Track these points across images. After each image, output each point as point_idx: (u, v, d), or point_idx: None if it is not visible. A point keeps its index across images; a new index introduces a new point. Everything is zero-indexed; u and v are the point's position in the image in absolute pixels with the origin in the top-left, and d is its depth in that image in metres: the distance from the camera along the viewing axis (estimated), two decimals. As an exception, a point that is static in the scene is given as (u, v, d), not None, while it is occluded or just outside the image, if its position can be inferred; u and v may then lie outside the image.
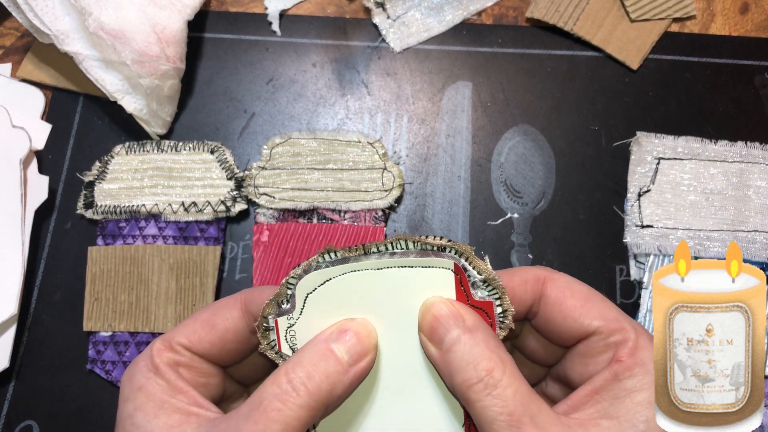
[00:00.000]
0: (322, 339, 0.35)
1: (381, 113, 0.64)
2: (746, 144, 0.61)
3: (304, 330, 0.36)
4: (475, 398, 0.33)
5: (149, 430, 0.34)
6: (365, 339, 0.35)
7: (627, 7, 0.65)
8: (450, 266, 0.35)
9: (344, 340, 0.35)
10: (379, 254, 0.35)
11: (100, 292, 0.57)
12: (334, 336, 0.35)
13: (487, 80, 0.65)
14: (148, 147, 0.61)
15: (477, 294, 0.36)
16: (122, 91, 0.60)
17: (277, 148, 0.61)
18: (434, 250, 0.35)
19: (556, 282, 0.38)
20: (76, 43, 0.59)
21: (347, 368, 0.34)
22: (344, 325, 0.35)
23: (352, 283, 0.36)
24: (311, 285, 0.36)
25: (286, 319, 0.36)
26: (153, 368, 0.36)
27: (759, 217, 0.59)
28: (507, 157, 0.62)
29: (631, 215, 0.59)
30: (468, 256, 0.35)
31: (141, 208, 0.59)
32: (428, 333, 0.35)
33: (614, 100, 0.64)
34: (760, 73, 0.64)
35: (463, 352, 0.33)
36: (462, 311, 0.35)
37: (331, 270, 0.35)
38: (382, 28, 0.66)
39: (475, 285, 0.36)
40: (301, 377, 0.33)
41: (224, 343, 0.38)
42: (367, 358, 0.35)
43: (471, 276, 0.36)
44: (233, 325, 0.38)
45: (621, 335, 0.35)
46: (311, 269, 0.35)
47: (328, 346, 0.34)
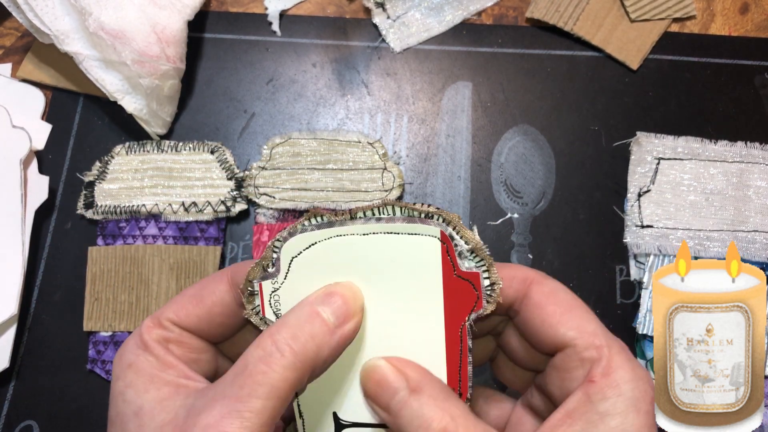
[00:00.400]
0: (308, 302, 0.34)
1: (381, 113, 0.64)
2: (746, 144, 0.61)
3: (288, 294, 0.36)
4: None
5: (140, 405, 0.33)
6: (351, 302, 0.35)
7: (627, 7, 0.65)
8: (437, 234, 0.35)
9: (330, 302, 0.34)
10: (365, 219, 0.35)
11: (101, 292, 0.57)
12: (321, 298, 0.34)
13: (487, 80, 0.65)
14: (148, 147, 0.61)
15: (464, 264, 0.35)
16: (122, 91, 0.60)
17: (277, 148, 0.61)
18: (421, 216, 0.35)
19: (542, 286, 0.37)
20: (76, 43, 0.59)
21: (333, 330, 0.34)
22: (330, 288, 0.35)
23: (337, 247, 0.35)
24: (296, 249, 0.35)
25: (271, 284, 0.36)
26: (142, 345, 0.36)
27: (759, 217, 0.59)
28: (507, 157, 0.62)
29: (631, 215, 0.59)
30: (455, 225, 0.35)
31: (141, 208, 0.59)
32: (373, 398, 0.34)
33: (614, 100, 0.64)
34: (760, 73, 0.64)
35: (411, 416, 0.32)
36: (405, 370, 0.34)
37: (317, 233, 0.35)
38: (382, 28, 0.66)
39: (462, 255, 0.35)
40: (286, 338, 0.32)
41: (212, 317, 0.38)
42: (353, 320, 0.35)
43: (458, 245, 0.35)
44: (220, 298, 0.37)
45: (595, 351, 0.34)
46: (296, 232, 0.35)
47: (314, 308, 0.34)
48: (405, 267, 0.35)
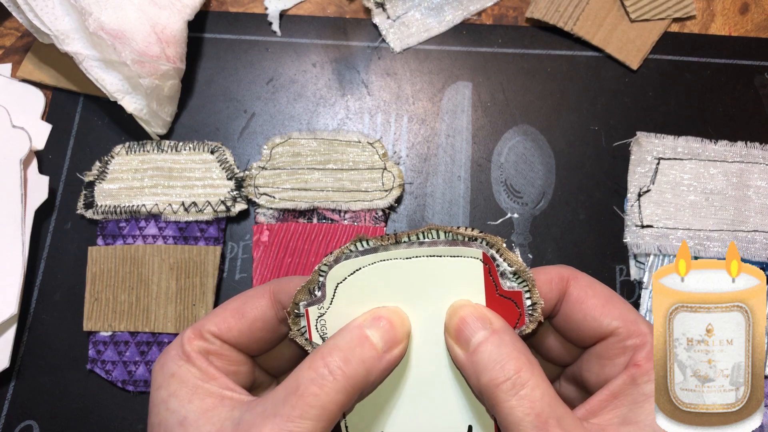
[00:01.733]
0: (357, 325, 0.35)
1: (381, 113, 0.64)
2: (746, 144, 0.61)
3: (334, 319, 0.36)
4: (503, 398, 0.32)
5: (184, 414, 0.34)
6: (399, 326, 0.35)
7: (627, 7, 0.65)
8: (479, 256, 0.35)
9: (378, 326, 0.35)
10: (409, 243, 0.35)
11: (100, 292, 0.57)
12: (369, 322, 0.35)
13: (487, 80, 0.65)
14: (148, 147, 0.61)
15: (506, 284, 0.36)
16: (122, 91, 0.60)
17: (277, 148, 0.61)
18: (464, 240, 0.35)
19: (579, 281, 0.38)
20: (76, 43, 0.59)
21: (382, 354, 0.34)
22: (378, 312, 0.35)
23: (381, 272, 0.36)
24: (342, 274, 0.36)
25: (317, 308, 0.36)
26: (184, 356, 0.36)
27: (759, 217, 0.59)
28: (507, 157, 0.62)
29: (631, 215, 0.59)
30: (498, 248, 0.35)
31: (141, 208, 0.59)
32: (455, 334, 0.35)
33: (614, 100, 0.64)
34: (760, 73, 0.64)
35: (490, 352, 0.33)
36: (489, 314, 0.35)
37: (362, 259, 0.36)
38: (382, 28, 0.66)
39: (504, 275, 0.36)
40: (337, 362, 0.33)
41: (253, 332, 0.38)
42: (401, 345, 0.35)
43: (500, 266, 0.36)
44: (262, 313, 0.38)
45: (639, 338, 0.35)
46: (342, 258, 0.36)
47: (362, 332, 0.34)
48: (448, 289, 0.36)
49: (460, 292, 0.36)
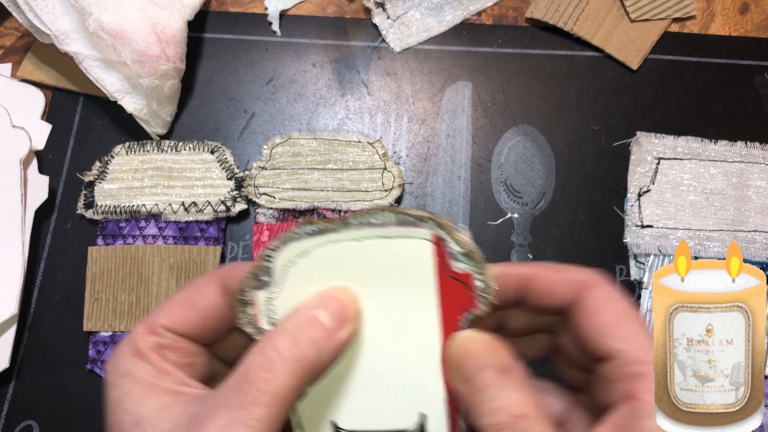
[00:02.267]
0: (306, 306, 0.34)
1: (381, 113, 0.64)
2: (746, 144, 0.61)
3: (284, 303, 0.36)
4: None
5: (140, 413, 0.33)
6: (348, 305, 0.35)
7: (627, 7, 0.65)
8: (428, 237, 0.35)
9: (327, 305, 0.34)
10: (358, 225, 0.35)
11: (101, 292, 0.57)
12: (318, 303, 0.34)
13: (487, 80, 0.65)
14: (148, 147, 0.61)
15: (457, 266, 0.35)
16: (122, 91, 0.60)
17: (277, 148, 0.61)
18: (413, 220, 0.35)
19: (597, 291, 0.36)
20: (76, 43, 0.59)
21: (332, 333, 0.34)
22: (327, 293, 0.35)
23: (332, 254, 0.35)
24: (290, 257, 0.35)
25: (265, 293, 0.35)
26: (137, 353, 0.35)
27: (759, 217, 0.59)
28: (507, 157, 0.62)
29: (631, 215, 0.59)
30: (447, 228, 0.35)
31: (141, 208, 0.59)
32: (459, 366, 0.34)
33: (614, 100, 0.64)
34: (760, 73, 0.64)
35: (494, 394, 0.32)
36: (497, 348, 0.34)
37: (311, 241, 0.35)
38: (382, 28, 0.66)
39: (455, 257, 0.35)
40: (286, 344, 0.32)
41: (206, 322, 0.37)
42: (351, 323, 0.35)
43: (450, 248, 0.35)
44: (213, 302, 0.37)
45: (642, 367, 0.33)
46: (289, 241, 0.35)
47: (311, 313, 0.34)
48: (399, 270, 0.36)
49: (411, 273, 0.35)
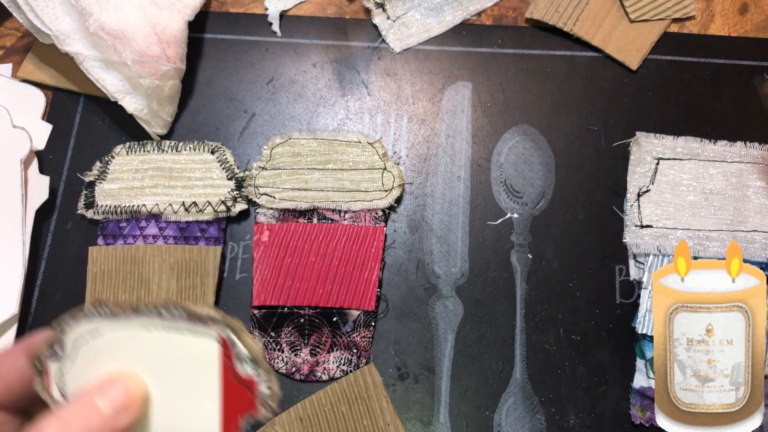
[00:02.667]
0: (87, 392, 0.34)
1: (381, 113, 0.64)
2: (745, 144, 0.61)
3: (74, 379, 0.36)
4: None
5: None
6: (132, 391, 0.34)
7: (626, 8, 0.65)
8: (215, 337, 0.35)
9: (109, 392, 0.33)
10: (148, 314, 0.35)
11: (101, 292, 0.57)
12: (100, 388, 0.34)
13: (486, 80, 0.65)
14: (148, 147, 0.61)
15: (243, 370, 0.35)
16: (123, 91, 0.60)
17: (277, 148, 0.61)
18: (203, 318, 0.35)
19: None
20: (76, 44, 0.59)
21: (109, 421, 0.33)
22: (111, 378, 0.34)
23: (121, 340, 0.36)
24: (81, 334, 0.36)
25: (58, 365, 0.36)
26: None
27: (758, 217, 0.59)
28: (507, 157, 0.62)
29: (631, 215, 0.59)
30: (236, 331, 0.35)
31: (141, 208, 0.59)
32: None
33: (614, 101, 0.64)
34: (759, 74, 0.65)
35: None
36: None
37: (102, 324, 0.35)
38: (382, 28, 0.66)
39: (241, 360, 0.35)
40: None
41: (14, 392, 0.36)
42: (131, 410, 0.34)
43: (237, 351, 0.35)
44: (19, 372, 0.36)
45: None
46: (82, 319, 0.35)
47: (90, 399, 0.33)
48: (185, 365, 0.36)
49: (196, 370, 0.36)
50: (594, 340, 0.57)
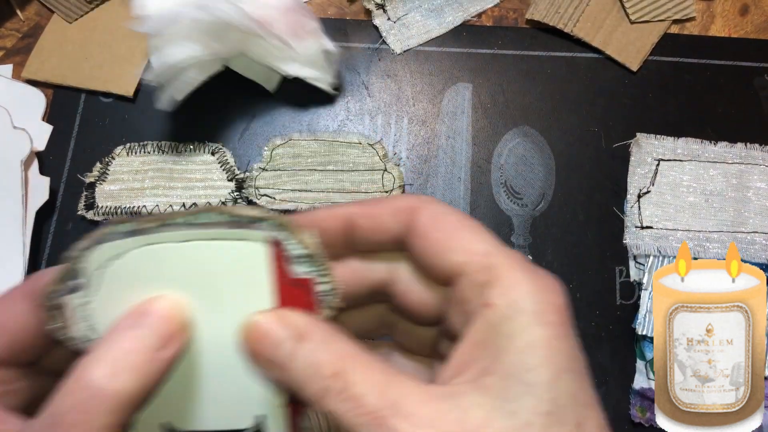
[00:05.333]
0: (122, 326, 0.30)
1: (381, 115, 0.64)
2: (746, 145, 0.61)
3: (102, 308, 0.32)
4: (331, 408, 0.28)
5: None
6: (174, 318, 0.30)
7: (627, 9, 0.65)
8: (264, 239, 0.32)
9: (148, 323, 0.30)
10: (180, 225, 0.32)
11: (101, 293, 0.57)
12: (136, 320, 0.30)
13: (487, 82, 0.65)
14: (148, 148, 0.61)
15: (296, 270, 0.32)
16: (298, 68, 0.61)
17: (277, 149, 0.61)
18: (247, 222, 0.32)
19: (425, 211, 0.32)
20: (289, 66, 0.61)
21: (155, 355, 0.29)
22: (147, 307, 0.30)
23: (154, 256, 0.32)
24: (103, 259, 0.32)
25: (78, 297, 0.32)
26: None
27: (759, 219, 0.59)
28: (507, 158, 0.62)
29: (631, 216, 0.59)
30: (289, 230, 0.32)
31: (142, 209, 0.59)
32: (258, 357, 0.31)
33: (614, 102, 0.64)
34: (760, 75, 0.65)
35: (301, 365, 0.29)
36: (290, 319, 0.30)
37: (126, 243, 0.31)
38: (383, 29, 0.66)
39: (295, 260, 0.32)
40: (101, 378, 0.27)
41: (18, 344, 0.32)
42: (177, 340, 0.30)
43: (290, 251, 0.32)
44: (23, 320, 0.32)
45: (490, 274, 0.29)
46: (103, 241, 0.32)
47: (129, 334, 0.29)
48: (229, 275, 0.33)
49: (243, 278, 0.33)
50: (594, 341, 0.57)
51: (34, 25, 0.67)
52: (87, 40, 0.65)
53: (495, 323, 0.28)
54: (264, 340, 0.30)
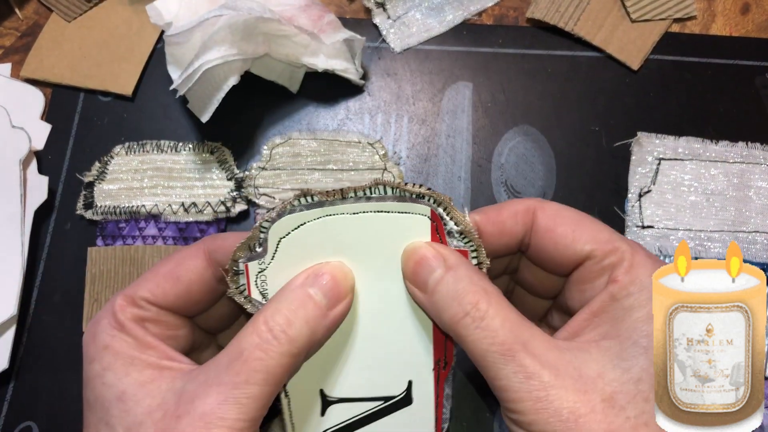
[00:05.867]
0: (299, 284, 0.34)
1: (381, 114, 0.64)
2: (747, 145, 0.61)
3: (275, 275, 0.35)
4: (464, 333, 0.32)
5: (121, 388, 0.33)
6: (342, 281, 0.35)
7: (628, 8, 0.65)
8: (427, 213, 0.35)
9: (321, 283, 0.34)
10: (356, 199, 0.35)
11: (100, 293, 0.57)
12: (311, 280, 0.34)
13: (487, 81, 0.65)
14: (147, 147, 0.61)
15: (452, 243, 0.35)
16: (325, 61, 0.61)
17: (277, 148, 0.61)
18: (412, 196, 0.35)
19: (546, 210, 0.37)
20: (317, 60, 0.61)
21: (326, 312, 0.34)
22: (320, 269, 0.35)
23: (327, 227, 0.35)
24: (285, 229, 0.35)
25: (257, 264, 0.35)
26: (117, 325, 0.35)
27: (760, 218, 0.59)
28: (507, 157, 0.62)
29: (632, 216, 0.59)
30: (446, 206, 0.35)
31: (141, 208, 0.59)
32: (412, 277, 0.35)
33: (615, 101, 0.64)
34: (761, 74, 0.64)
35: (447, 290, 0.33)
36: (443, 251, 0.34)
37: (306, 214, 0.34)
38: (383, 28, 0.66)
39: (451, 234, 0.35)
40: (281, 324, 0.32)
41: (190, 295, 0.37)
42: (345, 300, 0.35)
43: (447, 225, 0.35)
44: (198, 275, 0.37)
45: (615, 256, 0.35)
46: (285, 213, 0.35)
47: (305, 291, 0.34)
48: (395, 245, 0.36)
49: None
50: (595, 341, 0.56)
51: (33, 23, 0.67)
52: (86, 39, 0.65)
53: (618, 297, 0.33)
54: (422, 261, 0.34)
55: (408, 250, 0.35)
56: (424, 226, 0.35)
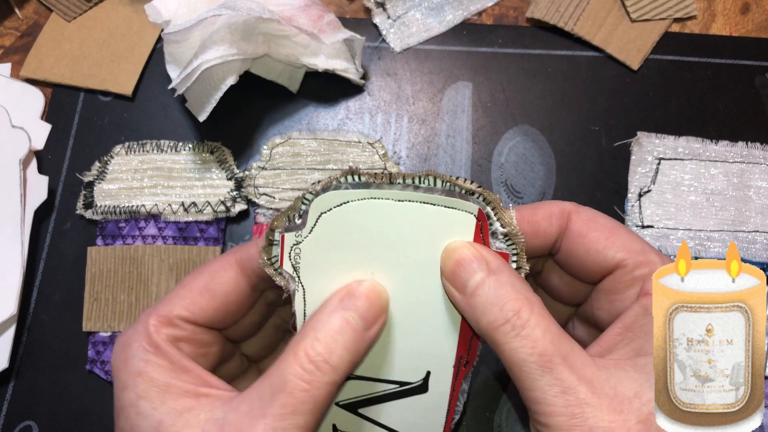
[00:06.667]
0: (333, 308, 0.34)
1: (381, 113, 0.64)
2: (747, 144, 0.61)
3: (310, 250, 0.35)
4: (503, 340, 0.31)
5: (158, 419, 0.32)
6: (376, 302, 0.34)
7: (627, 8, 0.65)
8: (474, 211, 0.34)
9: (356, 306, 0.34)
10: (403, 186, 0.34)
11: (100, 293, 0.57)
12: (346, 302, 0.34)
13: (487, 80, 0.65)
14: (147, 147, 0.61)
15: (495, 244, 0.35)
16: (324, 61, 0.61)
17: (277, 148, 0.61)
18: (462, 192, 0.34)
19: (581, 215, 0.37)
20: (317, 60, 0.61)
21: (363, 334, 0.33)
22: (354, 289, 0.34)
23: (370, 210, 0.34)
24: (327, 204, 0.34)
25: (294, 236, 0.35)
26: (152, 348, 0.34)
27: (759, 218, 0.59)
28: (507, 157, 0.62)
29: (632, 215, 0.59)
30: (495, 206, 0.34)
31: (141, 208, 0.59)
32: (451, 277, 0.34)
33: (615, 101, 0.64)
34: (761, 74, 0.64)
35: (487, 294, 0.32)
36: (485, 254, 0.34)
37: (352, 192, 0.34)
38: (383, 28, 0.66)
39: (495, 235, 0.35)
40: (321, 354, 0.32)
41: (227, 308, 0.37)
42: (380, 320, 0.35)
43: (493, 225, 0.34)
44: (234, 287, 0.37)
45: (648, 267, 0.34)
46: (330, 188, 0.34)
47: (341, 317, 0.33)
48: (435, 239, 0.35)
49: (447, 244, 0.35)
50: (595, 340, 0.57)
51: (33, 23, 0.67)
52: (86, 39, 0.65)
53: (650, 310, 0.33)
54: (462, 262, 0.33)
55: (449, 248, 0.34)
56: (469, 224, 0.34)
